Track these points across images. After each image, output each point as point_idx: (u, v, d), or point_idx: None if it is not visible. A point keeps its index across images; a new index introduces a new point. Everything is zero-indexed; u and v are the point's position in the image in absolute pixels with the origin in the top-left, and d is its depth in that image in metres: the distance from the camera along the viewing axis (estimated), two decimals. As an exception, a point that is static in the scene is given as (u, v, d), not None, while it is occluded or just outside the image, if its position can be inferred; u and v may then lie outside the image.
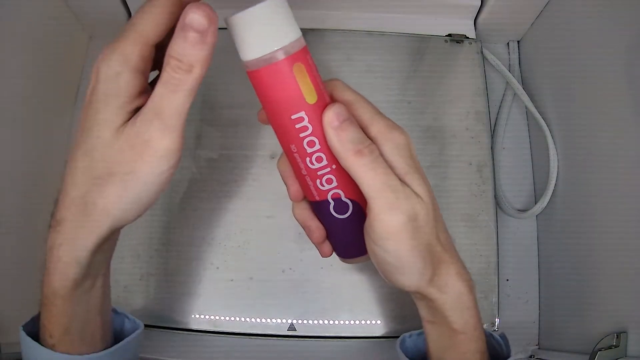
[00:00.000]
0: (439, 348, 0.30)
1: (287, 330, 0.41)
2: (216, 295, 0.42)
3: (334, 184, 0.29)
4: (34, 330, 0.28)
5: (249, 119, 0.46)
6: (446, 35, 0.49)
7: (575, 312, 0.41)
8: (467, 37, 0.49)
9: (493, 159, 0.47)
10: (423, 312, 0.31)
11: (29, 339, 0.27)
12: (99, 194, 0.24)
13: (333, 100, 0.28)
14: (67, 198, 0.25)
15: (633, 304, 0.34)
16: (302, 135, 0.27)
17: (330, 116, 0.26)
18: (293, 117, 0.27)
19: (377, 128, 0.27)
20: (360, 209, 0.30)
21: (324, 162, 0.28)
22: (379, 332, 0.42)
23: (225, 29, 0.27)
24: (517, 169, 0.50)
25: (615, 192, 0.37)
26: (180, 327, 0.41)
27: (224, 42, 0.49)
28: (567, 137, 0.44)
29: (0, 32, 0.39)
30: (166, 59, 0.23)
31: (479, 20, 0.50)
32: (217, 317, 0.41)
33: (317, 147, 0.28)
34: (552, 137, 0.45)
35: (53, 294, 0.26)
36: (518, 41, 0.53)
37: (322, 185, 0.29)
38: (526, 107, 0.48)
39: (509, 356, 0.30)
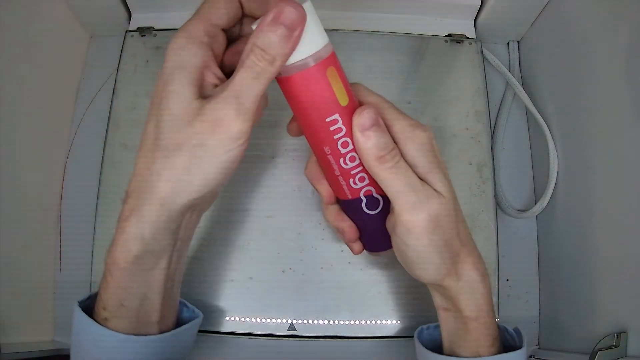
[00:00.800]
0: (453, 335, 0.31)
1: (287, 330, 0.41)
2: (216, 295, 0.42)
3: (366, 181, 0.30)
4: (89, 307, 0.28)
5: (249, 119, 0.46)
6: (446, 35, 0.49)
7: (575, 312, 0.41)
8: (467, 37, 0.49)
9: (493, 159, 0.47)
10: (437, 300, 0.32)
11: (82, 314, 0.27)
12: (165, 165, 0.24)
13: (360, 102, 0.29)
14: (136, 171, 0.26)
15: (633, 304, 0.34)
16: (336, 137, 0.28)
17: (360, 120, 0.27)
18: (328, 119, 0.27)
19: (399, 128, 0.28)
20: (389, 203, 0.31)
21: (357, 162, 0.29)
22: (379, 332, 0.42)
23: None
24: (517, 169, 0.50)
25: (616, 192, 0.37)
26: (180, 327, 0.41)
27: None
28: (567, 137, 0.44)
29: (1, 32, 0.39)
30: (250, 47, 0.24)
31: (479, 20, 0.50)
32: (217, 317, 0.41)
33: (350, 147, 0.28)
34: (552, 137, 0.45)
35: (113, 265, 0.26)
36: (518, 41, 0.53)
37: (355, 184, 0.30)
38: (526, 107, 0.48)
39: (521, 347, 0.31)
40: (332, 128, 0.28)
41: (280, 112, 0.46)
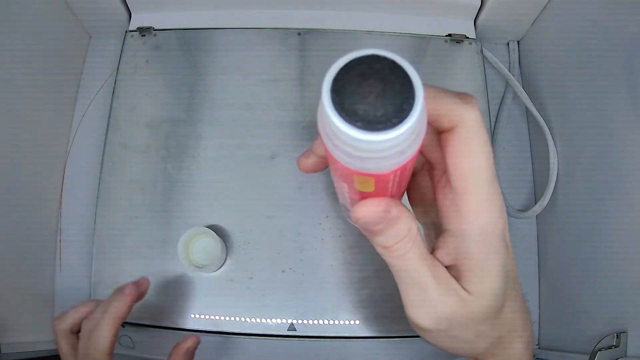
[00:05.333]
0: None
1: (287, 330, 0.41)
2: (216, 295, 0.42)
3: None
4: None
5: (249, 119, 0.46)
6: (446, 35, 0.49)
7: (575, 312, 0.41)
8: (467, 37, 0.49)
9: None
10: None
11: None
12: None
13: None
14: None
15: (633, 304, 0.34)
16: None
17: (361, 216, 0.21)
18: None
19: (471, 203, 0.20)
20: None
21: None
22: (378, 332, 0.42)
23: (217, 28, 0.26)
24: (517, 169, 0.50)
25: (615, 192, 0.37)
26: (180, 327, 0.41)
27: (225, 44, 0.49)
28: (567, 137, 0.44)
29: (1, 32, 0.39)
30: None
31: (479, 20, 0.50)
32: (217, 317, 0.41)
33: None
34: (552, 137, 0.45)
35: None
36: (518, 41, 0.53)
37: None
38: (526, 107, 0.48)
39: None
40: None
41: (281, 112, 0.46)
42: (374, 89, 0.16)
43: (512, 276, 0.23)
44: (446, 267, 0.22)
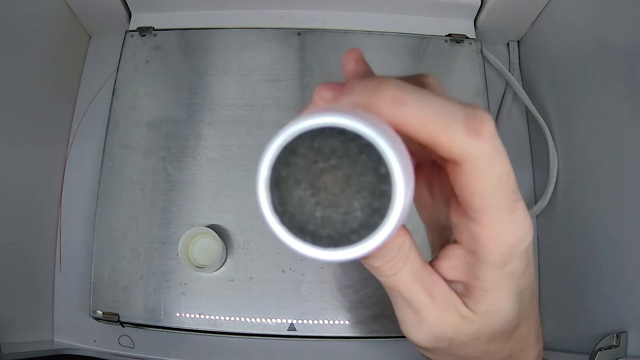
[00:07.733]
0: None
1: (287, 330, 0.41)
2: (216, 295, 0.42)
3: None
4: None
5: (249, 119, 0.46)
6: (446, 35, 0.49)
7: (575, 312, 0.41)
8: (467, 37, 0.49)
9: (493, 159, 0.47)
10: None
11: None
12: None
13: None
14: None
15: (633, 304, 0.34)
16: None
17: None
18: None
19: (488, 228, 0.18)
20: None
21: None
22: (378, 332, 0.42)
23: (217, 28, 0.27)
24: (517, 169, 0.49)
25: (615, 192, 0.37)
26: (181, 327, 0.41)
27: (225, 44, 0.49)
28: (567, 137, 0.44)
29: (1, 32, 0.39)
30: None
31: (479, 20, 0.50)
32: (217, 317, 0.41)
33: None
34: (552, 137, 0.45)
35: None
36: (518, 41, 0.53)
37: None
38: (526, 107, 0.48)
39: None
40: None
41: (281, 112, 0.46)
42: (329, 193, 0.11)
43: (529, 293, 0.21)
44: (449, 279, 0.20)
